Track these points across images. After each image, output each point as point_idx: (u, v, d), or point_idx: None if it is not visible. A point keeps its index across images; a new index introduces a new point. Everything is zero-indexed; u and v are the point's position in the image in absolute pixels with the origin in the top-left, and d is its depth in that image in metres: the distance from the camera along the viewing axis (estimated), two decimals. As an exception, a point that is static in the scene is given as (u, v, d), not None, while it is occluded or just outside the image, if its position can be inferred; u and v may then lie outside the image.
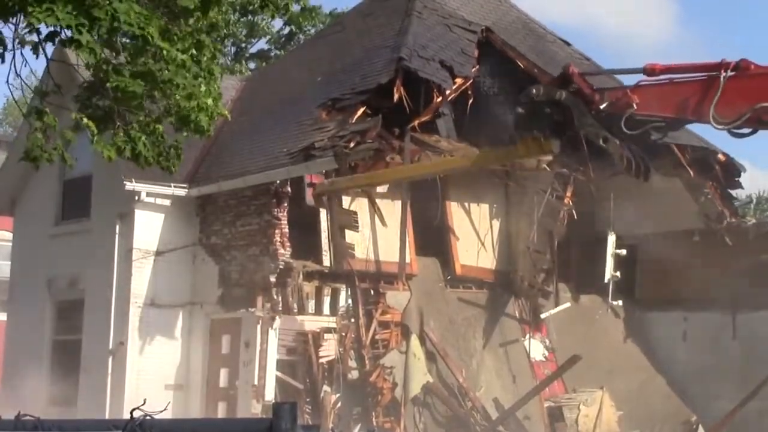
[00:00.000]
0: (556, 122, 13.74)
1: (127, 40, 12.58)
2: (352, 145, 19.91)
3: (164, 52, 12.46)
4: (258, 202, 20.78)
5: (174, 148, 14.09)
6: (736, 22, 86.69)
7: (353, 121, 20.51)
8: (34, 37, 12.80)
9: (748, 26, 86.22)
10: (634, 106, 12.63)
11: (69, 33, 11.67)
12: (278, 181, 20.27)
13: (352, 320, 21.14)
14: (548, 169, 21.79)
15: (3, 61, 13.23)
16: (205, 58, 13.34)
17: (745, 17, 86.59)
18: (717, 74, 12.05)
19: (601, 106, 12.94)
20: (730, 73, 11.94)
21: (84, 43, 11.57)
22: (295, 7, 17.00)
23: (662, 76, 13.30)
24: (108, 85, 12.61)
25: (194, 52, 13.18)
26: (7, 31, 13.08)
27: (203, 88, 13.05)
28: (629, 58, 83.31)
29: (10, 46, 13.04)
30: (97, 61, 12.22)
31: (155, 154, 13.74)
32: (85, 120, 13.36)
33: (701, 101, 12.10)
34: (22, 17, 12.51)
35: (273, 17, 15.24)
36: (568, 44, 25.60)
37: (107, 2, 11.54)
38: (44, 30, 12.25)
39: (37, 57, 13.28)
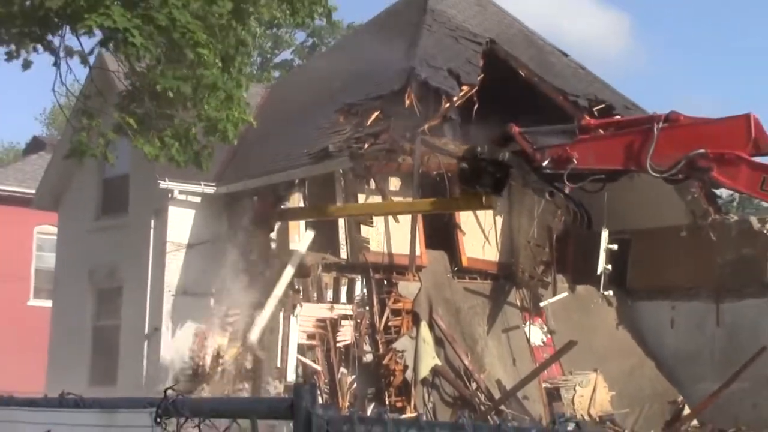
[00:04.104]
0: (498, 180, 13.44)
1: (165, 43, 12.56)
2: (366, 146, 19.92)
3: (204, 57, 12.45)
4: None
5: (206, 150, 14.13)
6: (685, 34, 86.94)
7: (368, 125, 20.51)
8: (82, 47, 12.86)
9: (697, 37, 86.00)
10: (575, 161, 12.13)
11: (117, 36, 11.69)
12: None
13: (367, 308, 21.14)
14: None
15: (58, 68, 13.30)
16: (234, 72, 13.35)
17: (695, 27, 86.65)
18: (650, 126, 11.83)
19: (543, 164, 12.63)
20: (662, 125, 11.74)
21: (138, 44, 11.57)
22: (318, 22, 16.98)
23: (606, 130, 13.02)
24: (157, 87, 12.60)
25: (222, 60, 13.19)
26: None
27: (231, 108, 13.08)
28: (592, 63, 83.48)
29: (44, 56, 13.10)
30: (150, 62, 12.22)
31: (188, 157, 13.77)
32: (127, 119, 13.41)
33: (638, 153, 11.84)
34: (68, 29, 12.54)
35: (303, 23, 15.12)
36: (566, 55, 25.53)
37: (164, 8, 11.56)
38: (95, 35, 12.30)
39: (85, 66, 13.35)
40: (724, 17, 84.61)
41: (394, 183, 22.14)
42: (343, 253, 21.23)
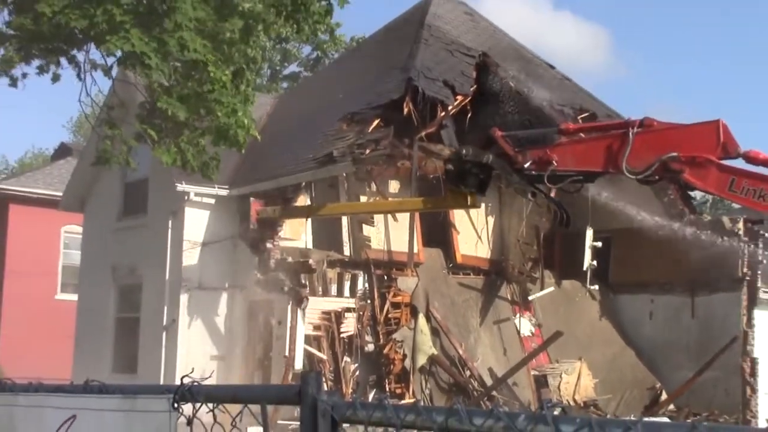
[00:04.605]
0: (481, 180, 13.36)
1: (178, 64, 12.61)
2: (367, 151, 19.91)
3: (211, 74, 12.47)
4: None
5: (213, 160, 14.15)
6: (660, 46, 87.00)
7: (369, 132, 20.50)
8: (105, 61, 12.91)
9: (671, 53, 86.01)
10: (554, 163, 12.11)
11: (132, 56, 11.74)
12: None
13: (369, 301, 21.14)
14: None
15: (81, 81, 13.34)
16: (243, 87, 13.35)
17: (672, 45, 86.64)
18: (626, 131, 11.78)
19: (525, 165, 12.54)
20: (637, 129, 11.69)
21: (153, 65, 11.62)
22: (323, 37, 16.98)
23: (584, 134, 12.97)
24: (158, 105, 12.64)
25: (233, 75, 13.18)
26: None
27: (239, 113, 13.07)
28: (575, 75, 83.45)
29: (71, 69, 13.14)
30: (163, 80, 12.26)
31: (199, 164, 13.79)
32: (148, 130, 13.43)
33: (614, 155, 11.77)
34: (92, 45, 12.58)
35: (307, 39, 15.17)
36: (553, 67, 25.50)
37: (175, 32, 11.59)
38: (115, 56, 12.35)
39: (109, 78, 13.40)
40: (696, 32, 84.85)
41: (394, 186, 22.17)
42: (347, 251, 21.24)
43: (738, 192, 11.10)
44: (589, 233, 23.30)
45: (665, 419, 18.76)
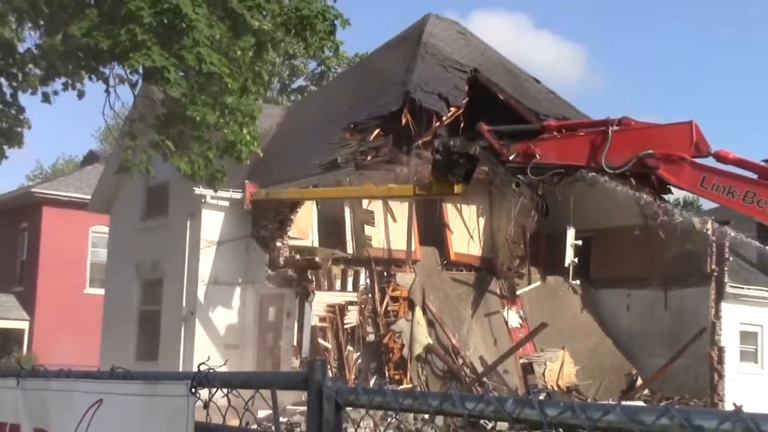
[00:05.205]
0: (466, 171, 13.28)
1: (195, 76, 12.63)
2: (369, 158, 19.91)
3: (228, 85, 12.48)
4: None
5: (219, 172, 14.20)
6: (631, 62, 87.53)
7: (370, 140, 20.51)
8: (128, 77, 12.97)
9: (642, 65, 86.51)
10: (537, 156, 12.00)
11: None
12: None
13: (370, 295, 21.13)
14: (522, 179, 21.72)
15: (108, 95, 13.41)
16: (252, 98, 13.38)
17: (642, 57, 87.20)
18: (605, 129, 11.71)
19: (509, 158, 12.47)
20: (615, 128, 11.62)
21: (172, 80, 11.65)
22: (328, 53, 17.01)
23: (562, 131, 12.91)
24: (188, 113, 12.64)
25: (241, 90, 13.20)
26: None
27: (244, 131, 13.11)
28: (555, 88, 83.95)
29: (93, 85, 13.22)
30: (182, 94, 12.29)
31: (207, 174, 13.84)
32: (166, 141, 13.46)
33: (594, 151, 11.70)
34: (115, 64, 12.64)
35: (314, 56, 15.21)
36: (538, 81, 25.50)
37: (193, 48, 11.62)
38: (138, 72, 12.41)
39: (133, 93, 13.45)
40: (665, 48, 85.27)
41: (393, 189, 22.13)
42: (350, 249, 21.24)
43: (708, 188, 11.06)
44: (571, 233, 23.31)
45: (641, 403, 18.75)
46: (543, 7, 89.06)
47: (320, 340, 20.32)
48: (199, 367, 3.10)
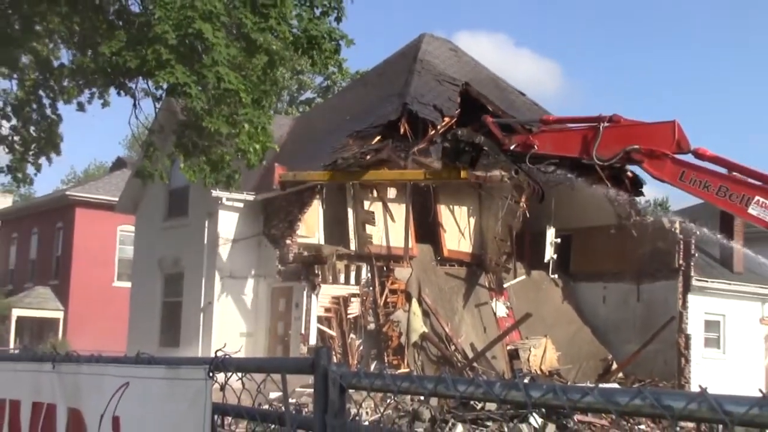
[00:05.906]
0: (472, 158, 13.33)
1: (214, 92, 12.65)
2: (368, 157, 19.91)
3: (243, 99, 12.52)
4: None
5: (236, 173, 14.23)
6: (604, 78, 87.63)
7: (371, 144, 20.48)
8: (152, 91, 13.03)
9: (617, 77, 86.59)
10: (535, 147, 12.07)
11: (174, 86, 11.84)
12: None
13: (370, 288, 21.12)
14: (508, 181, 21.72)
15: (134, 107, 13.52)
16: (265, 110, 13.40)
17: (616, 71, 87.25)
18: (597, 124, 11.74)
19: (511, 147, 12.46)
20: (606, 124, 11.64)
21: (193, 95, 11.71)
22: (333, 69, 17.02)
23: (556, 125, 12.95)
24: (204, 124, 12.68)
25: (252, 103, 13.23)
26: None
27: (256, 144, 13.14)
28: (538, 101, 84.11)
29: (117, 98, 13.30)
30: (200, 107, 12.32)
31: (219, 179, 13.93)
32: (177, 151, 13.61)
33: (586, 145, 11.73)
34: (140, 79, 12.73)
35: (320, 72, 15.27)
36: (523, 94, 25.48)
37: (212, 66, 11.70)
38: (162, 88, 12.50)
39: (157, 106, 13.54)
40: (637, 64, 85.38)
41: (392, 192, 22.14)
42: (353, 246, 21.22)
43: (687, 182, 11.09)
44: (550, 231, 23.33)
45: (616, 385, 18.75)
46: (522, 26, 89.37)
47: (326, 329, 20.32)
48: (216, 353, 3.10)
